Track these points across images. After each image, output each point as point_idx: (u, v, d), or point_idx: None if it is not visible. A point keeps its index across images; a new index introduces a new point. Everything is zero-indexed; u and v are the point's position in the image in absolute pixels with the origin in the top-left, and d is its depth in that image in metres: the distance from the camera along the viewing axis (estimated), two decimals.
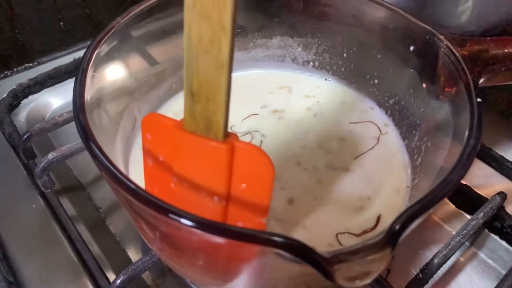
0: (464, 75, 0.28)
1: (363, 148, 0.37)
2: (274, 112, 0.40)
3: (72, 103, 0.25)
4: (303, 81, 0.43)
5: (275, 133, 0.38)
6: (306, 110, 0.40)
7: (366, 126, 0.39)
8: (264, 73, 0.44)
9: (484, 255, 0.39)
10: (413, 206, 0.21)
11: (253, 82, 0.43)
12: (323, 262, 0.19)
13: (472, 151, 0.23)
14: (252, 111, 0.40)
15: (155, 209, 0.21)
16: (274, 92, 0.42)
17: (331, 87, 0.43)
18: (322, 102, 0.41)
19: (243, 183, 0.23)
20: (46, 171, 0.38)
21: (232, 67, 0.20)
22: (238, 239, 0.20)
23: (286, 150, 0.36)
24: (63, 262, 0.36)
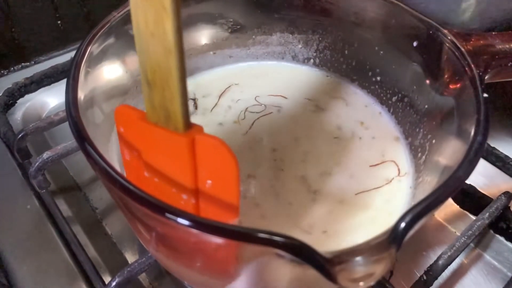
0: (470, 70, 0.27)
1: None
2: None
3: (65, 99, 0.24)
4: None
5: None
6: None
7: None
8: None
9: (490, 256, 0.39)
10: (419, 205, 0.20)
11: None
12: (324, 263, 0.18)
13: (479, 148, 0.22)
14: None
15: (150, 208, 0.20)
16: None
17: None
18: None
19: (209, 179, 0.22)
20: (41, 171, 0.37)
21: (183, 51, 0.19)
22: (237, 238, 0.19)
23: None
24: (58, 264, 0.35)
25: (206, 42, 0.40)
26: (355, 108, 0.39)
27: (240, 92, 0.40)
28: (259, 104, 0.39)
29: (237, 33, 0.40)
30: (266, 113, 0.38)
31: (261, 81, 0.41)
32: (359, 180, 0.33)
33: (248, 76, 0.42)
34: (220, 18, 0.39)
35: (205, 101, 0.39)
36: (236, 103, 0.39)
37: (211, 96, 0.40)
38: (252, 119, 0.38)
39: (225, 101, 0.39)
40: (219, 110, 0.39)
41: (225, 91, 0.40)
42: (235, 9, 0.39)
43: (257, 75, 0.42)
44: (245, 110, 0.38)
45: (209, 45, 0.40)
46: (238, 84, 0.41)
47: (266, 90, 0.40)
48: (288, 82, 0.41)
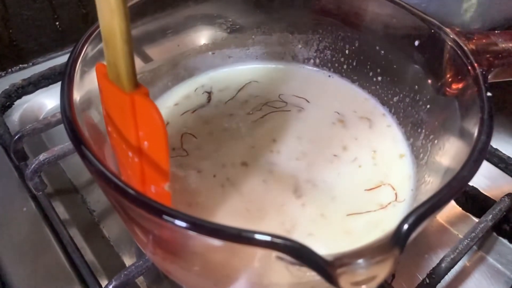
0: (473, 68, 0.26)
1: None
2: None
3: (60, 99, 0.23)
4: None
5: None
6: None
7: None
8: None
9: (493, 259, 0.38)
10: (422, 205, 0.19)
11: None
12: (325, 266, 0.18)
13: (484, 147, 0.22)
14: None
15: (147, 210, 0.20)
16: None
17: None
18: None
19: (145, 141, 0.23)
20: (37, 173, 0.37)
21: (127, 13, 0.20)
22: (235, 241, 0.19)
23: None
24: (54, 267, 0.35)
25: (205, 42, 0.40)
26: (376, 133, 0.37)
27: (260, 89, 0.40)
28: (281, 101, 0.39)
29: (236, 33, 0.39)
30: (285, 110, 0.38)
31: (283, 81, 0.41)
32: (347, 201, 0.32)
33: (270, 75, 0.42)
34: (219, 18, 0.39)
35: (221, 94, 0.40)
36: (254, 98, 0.39)
37: (228, 90, 0.40)
38: (267, 111, 0.38)
39: (243, 95, 0.40)
40: (234, 103, 0.39)
41: (244, 87, 0.40)
42: (234, 9, 0.39)
43: (280, 75, 0.42)
44: (265, 103, 0.39)
45: (208, 45, 0.40)
46: (258, 82, 0.41)
47: (290, 90, 0.40)
48: (314, 88, 0.41)
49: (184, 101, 0.39)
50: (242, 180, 0.32)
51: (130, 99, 0.22)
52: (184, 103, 0.39)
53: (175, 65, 0.38)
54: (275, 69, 0.43)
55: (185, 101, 0.39)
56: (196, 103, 0.39)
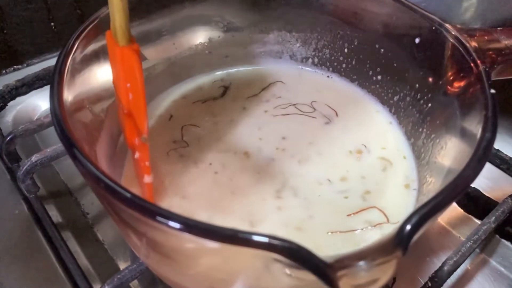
0: (475, 65, 0.26)
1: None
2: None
3: (49, 95, 0.23)
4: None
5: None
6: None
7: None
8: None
9: (496, 262, 0.38)
10: (426, 205, 0.19)
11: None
12: (325, 268, 0.17)
13: (488, 145, 0.21)
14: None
15: (140, 211, 0.19)
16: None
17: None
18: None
19: (130, 92, 0.26)
20: (29, 174, 0.36)
21: None
22: (230, 242, 0.18)
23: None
24: (46, 271, 0.34)
25: (200, 41, 0.39)
26: (389, 176, 0.34)
27: (286, 90, 0.40)
28: (310, 106, 0.38)
29: (232, 31, 0.39)
30: (310, 115, 0.38)
31: (310, 89, 0.40)
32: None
33: (297, 78, 0.41)
34: (215, 16, 0.38)
35: (243, 90, 0.40)
36: (276, 99, 0.39)
37: (252, 87, 0.40)
38: (289, 112, 0.38)
39: (266, 95, 0.39)
40: (255, 100, 0.39)
41: (269, 86, 0.40)
42: (230, 8, 0.38)
43: (307, 81, 0.41)
44: (293, 105, 0.38)
45: (204, 44, 0.39)
46: (285, 84, 0.40)
47: (323, 98, 0.39)
48: (346, 102, 0.39)
49: (194, 92, 0.39)
50: (238, 168, 0.33)
51: (120, 52, 0.25)
52: (193, 94, 0.39)
53: (171, 64, 0.37)
54: (302, 71, 0.42)
55: (196, 92, 0.39)
56: (208, 96, 0.39)
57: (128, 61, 0.25)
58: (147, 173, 0.28)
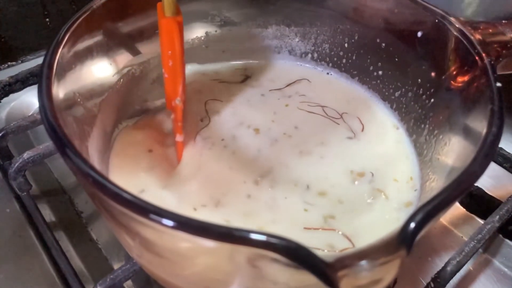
0: (480, 59, 0.25)
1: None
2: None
3: (37, 89, 0.22)
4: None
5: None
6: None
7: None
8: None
9: (499, 262, 0.37)
10: (430, 202, 0.18)
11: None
12: (325, 268, 0.16)
13: (495, 140, 0.20)
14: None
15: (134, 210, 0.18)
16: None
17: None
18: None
19: (170, 59, 0.29)
20: (21, 172, 0.35)
21: None
22: (225, 240, 0.17)
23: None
24: (38, 271, 0.33)
25: (197, 36, 0.38)
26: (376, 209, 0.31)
27: (311, 90, 0.39)
28: (337, 113, 0.37)
29: (230, 26, 0.38)
30: (334, 121, 0.36)
31: (339, 96, 0.39)
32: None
33: (324, 79, 0.40)
34: (212, 9, 0.37)
35: (264, 82, 0.39)
36: (299, 96, 0.38)
37: (278, 82, 0.39)
38: (313, 110, 0.37)
39: (290, 90, 0.39)
40: (277, 93, 0.38)
41: (294, 82, 0.39)
42: (227, 1, 0.37)
43: (332, 84, 0.40)
44: (321, 106, 0.37)
45: (200, 38, 0.38)
46: (311, 82, 0.39)
47: (351, 110, 0.37)
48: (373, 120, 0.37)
49: (212, 73, 0.40)
50: (245, 142, 0.33)
51: (165, 22, 0.27)
52: (212, 75, 0.40)
53: None
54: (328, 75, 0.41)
55: (214, 74, 0.40)
56: (227, 79, 0.39)
57: (170, 31, 0.28)
58: (179, 133, 0.31)
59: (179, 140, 0.31)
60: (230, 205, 0.29)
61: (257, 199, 0.30)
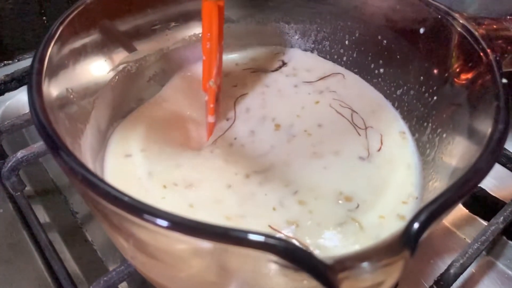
0: (485, 55, 0.24)
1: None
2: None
3: (27, 86, 0.21)
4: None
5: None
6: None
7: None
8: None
9: (503, 265, 0.37)
10: (435, 202, 0.17)
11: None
12: (325, 270, 0.15)
13: (502, 137, 0.20)
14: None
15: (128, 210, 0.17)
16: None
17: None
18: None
19: (208, 41, 0.30)
20: (14, 171, 0.34)
21: None
22: (222, 241, 0.16)
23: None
24: (30, 273, 0.32)
25: (194, 32, 0.37)
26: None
27: (343, 87, 0.37)
28: (363, 121, 0.34)
29: (228, 22, 0.37)
30: (356, 129, 0.34)
31: (368, 103, 0.37)
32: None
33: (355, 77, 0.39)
34: None
35: (304, 74, 0.38)
36: (330, 92, 0.37)
37: (312, 73, 0.38)
38: (339, 109, 0.35)
39: (321, 85, 0.37)
40: (309, 87, 0.37)
41: (328, 76, 0.38)
42: None
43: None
44: (352, 110, 0.35)
45: (198, 35, 0.37)
46: (346, 80, 0.38)
47: (376, 123, 0.35)
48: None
49: (248, 61, 0.40)
50: (261, 137, 0.33)
51: (207, 5, 0.29)
52: (247, 63, 0.39)
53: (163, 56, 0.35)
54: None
55: (250, 61, 0.39)
56: (261, 67, 0.39)
57: (210, 14, 0.29)
58: (210, 114, 0.32)
59: (211, 121, 0.33)
60: (202, 190, 0.29)
61: (236, 191, 0.29)
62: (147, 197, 0.26)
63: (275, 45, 0.40)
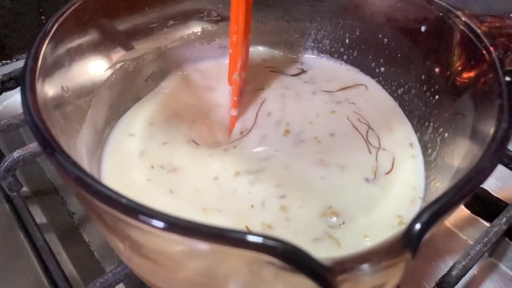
0: (488, 53, 0.24)
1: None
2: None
3: (21, 81, 0.20)
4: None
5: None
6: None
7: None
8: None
9: (505, 267, 0.36)
10: (437, 201, 0.17)
11: None
12: (323, 272, 0.15)
13: (505, 136, 0.19)
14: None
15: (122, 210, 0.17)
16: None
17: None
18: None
19: (235, 34, 0.31)
20: (11, 171, 0.34)
21: None
22: (215, 242, 0.16)
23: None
24: (26, 275, 0.32)
25: (193, 31, 0.37)
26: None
27: (364, 99, 0.35)
28: (378, 139, 0.33)
29: (227, 21, 0.37)
30: (369, 147, 0.32)
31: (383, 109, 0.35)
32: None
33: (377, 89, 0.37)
34: (208, 4, 0.36)
35: (319, 82, 0.37)
36: (349, 104, 0.35)
37: (332, 84, 0.37)
38: (356, 124, 0.33)
39: (341, 95, 0.36)
40: (327, 96, 0.36)
41: (350, 87, 0.36)
42: None
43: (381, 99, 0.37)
44: (369, 126, 0.33)
45: (196, 34, 0.37)
46: (368, 89, 0.36)
47: (388, 144, 0.33)
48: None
49: (270, 59, 0.39)
50: (271, 141, 0.32)
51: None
52: (267, 61, 0.39)
53: (161, 55, 0.35)
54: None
55: (271, 60, 0.39)
56: (281, 69, 0.38)
57: (238, 7, 0.29)
58: (234, 107, 0.33)
59: (234, 115, 0.33)
60: (185, 177, 0.29)
61: (220, 184, 0.28)
62: (144, 198, 0.26)
63: (275, 43, 0.40)
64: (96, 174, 0.27)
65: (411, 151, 0.32)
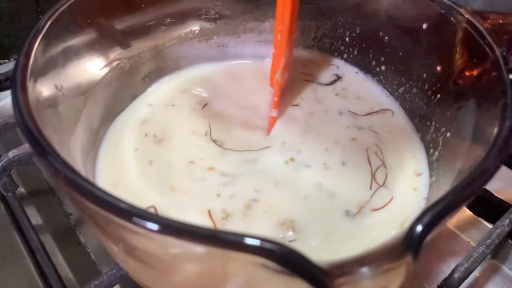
0: (491, 50, 0.23)
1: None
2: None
3: (11, 77, 0.20)
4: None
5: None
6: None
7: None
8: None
9: (508, 269, 0.35)
10: (439, 203, 0.16)
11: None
12: (321, 276, 0.14)
13: (509, 135, 0.19)
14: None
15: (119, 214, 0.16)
16: None
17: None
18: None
19: (279, 33, 0.31)
20: (6, 171, 0.34)
21: None
22: (209, 244, 0.15)
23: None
24: (21, 277, 0.31)
25: (191, 29, 0.36)
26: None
27: (387, 129, 0.33)
28: (385, 174, 0.31)
29: (225, 19, 0.36)
30: (373, 182, 0.30)
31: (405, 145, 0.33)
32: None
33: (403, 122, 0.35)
34: (206, 2, 0.35)
35: (353, 100, 0.35)
36: (370, 132, 0.33)
37: (361, 101, 0.35)
38: (372, 158, 0.31)
39: (365, 121, 0.34)
40: (352, 119, 0.34)
41: (377, 112, 0.35)
42: None
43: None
44: (384, 166, 0.31)
45: (194, 32, 0.36)
46: (394, 116, 0.34)
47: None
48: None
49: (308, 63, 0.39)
50: (271, 165, 0.31)
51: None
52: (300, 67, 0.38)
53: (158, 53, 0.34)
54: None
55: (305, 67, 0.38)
56: (314, 77, 0.37)
57: (283, 6, 0.29)
58: (274, 107, 0.32)
59: (273, 115, 0.32)
60: (168, 150, 0.30)
61: (206, 180, 0.29)
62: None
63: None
64: (91, 174, 0.27)
65: (414, 183, 0.30)
